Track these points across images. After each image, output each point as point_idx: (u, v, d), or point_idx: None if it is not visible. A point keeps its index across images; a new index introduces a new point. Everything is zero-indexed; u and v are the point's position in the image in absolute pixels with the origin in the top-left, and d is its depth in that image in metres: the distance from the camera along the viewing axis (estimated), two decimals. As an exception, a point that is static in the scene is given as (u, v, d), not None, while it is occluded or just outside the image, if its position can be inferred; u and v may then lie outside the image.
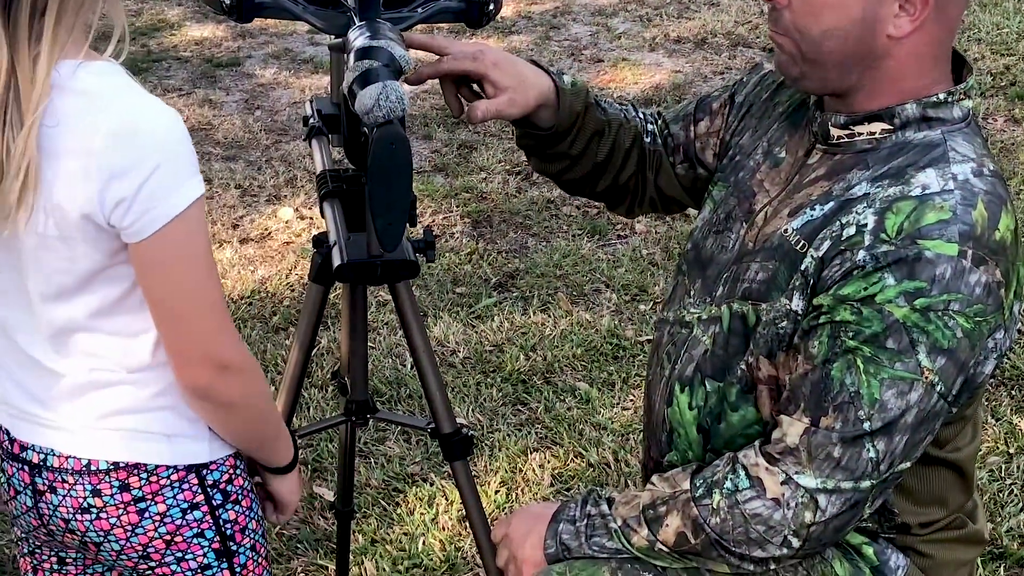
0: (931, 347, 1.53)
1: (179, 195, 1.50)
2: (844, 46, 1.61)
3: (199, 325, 1.57)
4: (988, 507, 3.06)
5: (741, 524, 1.60)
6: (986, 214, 1.55)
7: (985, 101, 5.59)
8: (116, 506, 1.65)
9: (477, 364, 3.72)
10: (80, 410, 1.65)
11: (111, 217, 1.49)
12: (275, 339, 3.86)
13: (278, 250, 4.45)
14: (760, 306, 1.68)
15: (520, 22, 7.00)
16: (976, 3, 6.92)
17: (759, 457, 1.61)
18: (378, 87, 1.75)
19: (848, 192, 1.63)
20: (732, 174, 1.87)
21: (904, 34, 1.60)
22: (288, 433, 1.81)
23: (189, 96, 5.95)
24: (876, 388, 1.54)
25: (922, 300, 1.51)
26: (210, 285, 1.57)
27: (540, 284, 4.19)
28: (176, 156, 1.51)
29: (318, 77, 6.14)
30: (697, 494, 1.64)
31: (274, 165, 5.17)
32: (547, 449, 3.32)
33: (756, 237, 1.74)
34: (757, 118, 1.90)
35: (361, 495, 3.11)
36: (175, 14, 7.23)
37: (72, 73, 1.49)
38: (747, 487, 1.60)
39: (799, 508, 1.58)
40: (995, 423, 3.36)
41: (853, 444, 1.56)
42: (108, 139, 1.47)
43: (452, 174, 5.07)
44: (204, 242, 1.56)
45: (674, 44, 6.59)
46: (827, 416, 1.56)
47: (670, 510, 1.66)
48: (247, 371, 1.64)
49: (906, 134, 1.64)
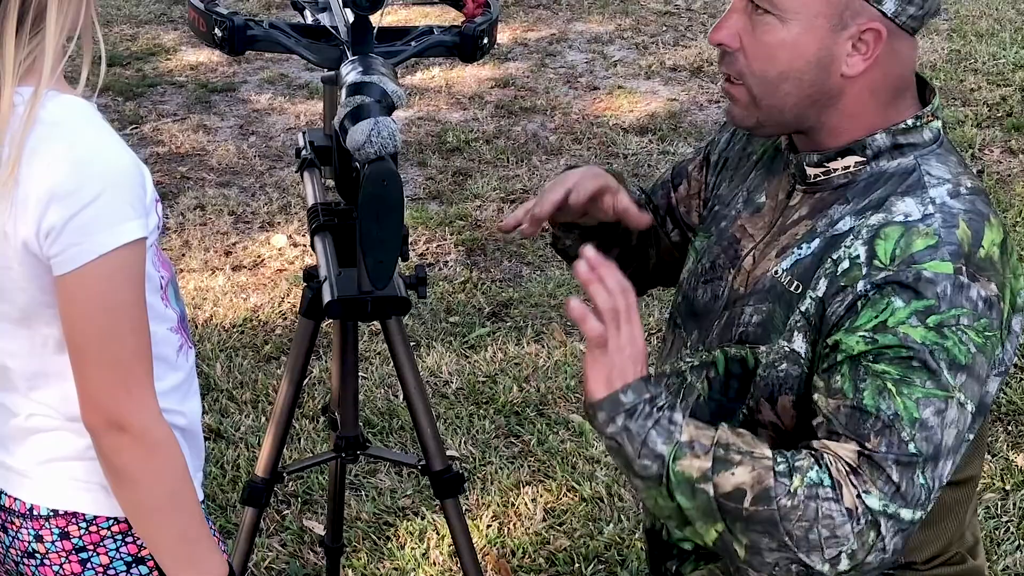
0: (951, 364, 1.51)
1: (111, 234, 1.44)
2: (800, 88, 1.62)
3: (96, 373, 1.49)
4: (984, 545, 3.03)
5: (809, 519, 1.51)
6: (969, 232, 1.55)
7: (981, 132, 5.58)
8: (58, 553, 1.61)
9: (470, 395, 3.69)
10: (28, 452, 1.61)
11: (43, 244, 1.45)
12: (267, 368, 3.83)
13: (271, 278, 4.43)
14: (758, 349, 1.67)
15: (516, 49, 7.00)
16: (972, 33, 6.93)
17: (840, 463, 1.53)
18: (370, 123, 1.73)
19: (832, 228, 1.63)
20: (713, 224, 1.86)
21: (857, 72, 1.61)
22: (214, 553, 1.62)
23: (184, 121, 5.93)
24: (913, 408, 1.51)
25: (934, 317, 1.51)
26: (120, 338, 1.48)
27: (534, 314, 4.17)
28: (119, 193, 1.45)
29: (313, 103, 6.13)
30: (778, 468, 1.53)
31: (268, 192, 5.15)
32: (540, 483, 3.29)
33: (746, 281, 1.73)
34: (733, 169, 1.90)
35: (351, 529, 3.08)
36: (171, 39, 7.22)
37: (42, 103, 1.47)
38: (829, 486, 1.51)
39: (866, 526, 1.50)
40: (991, 459, 3.34)
41: (907, 468, 1.51)
42: (58, 164, 1.44)
43: (446, 201, 5.05)
44: (130, 293, 1.48)
45: (670, 72, 6.59)
46: (870, 442, 1.52)
47: (743, 462, 1.53)
48: (144, 442, 1.51)
49: (880, 164, 1.65)
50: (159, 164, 5.34)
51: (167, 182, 5.18)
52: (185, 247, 4.63)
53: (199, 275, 4.42)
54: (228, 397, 3.66)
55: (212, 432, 3.47)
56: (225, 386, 3.71)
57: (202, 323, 4.09)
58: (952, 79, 6.25)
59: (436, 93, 6.27)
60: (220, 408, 3.59)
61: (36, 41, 1.46)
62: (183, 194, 5.06)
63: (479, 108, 6.07)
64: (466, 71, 6.45)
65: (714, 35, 1.66)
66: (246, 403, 3.63)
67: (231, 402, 3.64)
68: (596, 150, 5.53)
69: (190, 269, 4.46)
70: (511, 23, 7.39)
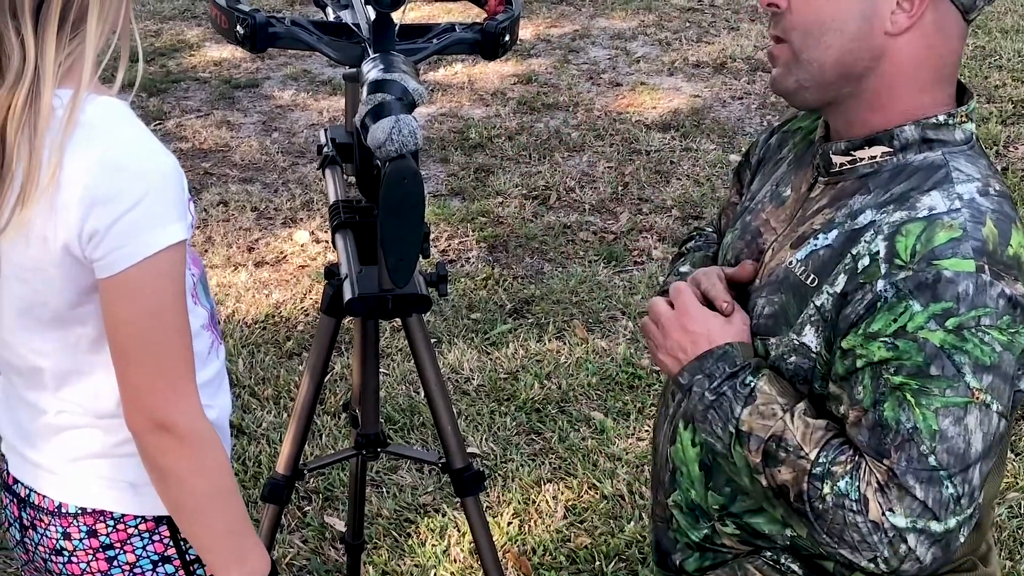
0: (975, 366, 1.50)
1: (155, 236, 1.45)
2: (842, 40, 1.61)
3: (142, 375, 1.49)
4: (1007, 545, 3.02)
5: (840, 524, 1.55)
6: (996, 231, 1.53)
7: (1006, 129, 5.55)
8: (85, 551, 1.62)
9: (491, 392, 3.69)
10: (56, 449, 1.62)
11: (86, 248, 1.45)
12: (288, 365, 3.83)
13: (293, 274, 4.43)
14: (769, 340, 1.67)
15: (539, 45, 6.99)
16: (997, 30, 6.89)
17: (872, 477, 1.54)
18: (391, 121, 1.73)
19: (853, 221, 1.62)
20: (740, 218, 1.86)
21: (901, 30, 1.59)
22: (259, 547, 1.63)
23: (207, 117, 5.95)
24: (932, 419, 1.50)
25: (953, 320, 1.49)
26: (166, 340, 1.49)
27: (556, 311, 4.17)
28: (162, 196, 1.46)
29: (336, 99, 6.14)
30: (815, 471, 1.56)
31: (290, 188, 5.16)
32: (561, 480, 3.29)
33: (763, 273, 1.72)
34: (766, 167, 1.91)
35: (372, 525, 3.08)
36: (194, 35, 7.24)
37: (81, 105, 1.47)
38: (855, 499, 1.54)
39: (895, 539, 1.52)
40: (1015, 458, 3.32)
41: (932, 483, 1.51)
42: (98, 168, 1.43)
43: (469, 198, 5.05)
44: (171, 294, 1.49)
45: (693, 68, 6.57)
46: (890, 458, 1.53)
47: (787, 461, 1.58)
48: (191, 441, 1.52)
49: (907, 156, 1.63)
50: (182, 160, 5.34)
51: (190, 178, 5.17)
52: (208, 243, 4.65)
53: (222, 271, 4.43)
54: (250, 393, 3.67)
55: (233, 428, 3.47)
56: (247, 382, 3.72)
57: (224, 319, 4.10)
58: (977, 76, 6.21)
59: (459, 89, 6.27)
60: (242, 404, 3.60)
61: (76, 43, 1.46)
62: (206, 190, 5.07)
63: (501, 104, 6.07)
64: (489, 67, 6.44)
65: None
66: (267, 399, 3.64)
67: (253, 398, 3.64)
68: (619, 147, 5.52)
69: (213, 265, 4.47)
70: (534, 19, 7.38)
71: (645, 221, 4.83)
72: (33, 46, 1.43)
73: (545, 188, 5.11)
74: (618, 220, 4.85)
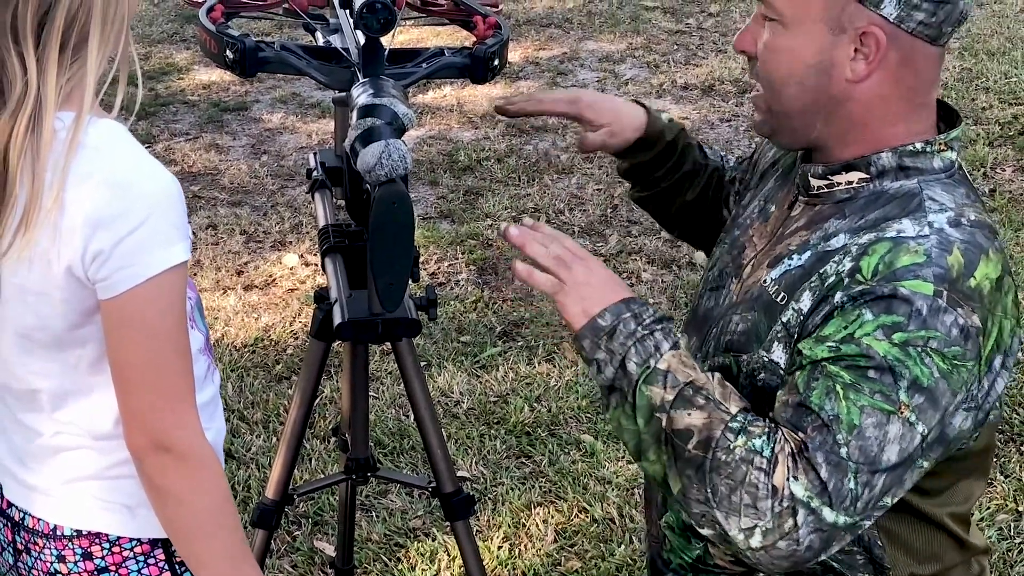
0: (911, 383, 1.50)
1: (158, 256, 1.46)
2: (803, 92, 1.63)
3: (143, 396, 1.49)
4: (997, 567, 3.02)
5: (736, 480, 1.51)
6: (962, 260, 1.53)
7: (993, 150, 5.57)
8: (79, 574, 1.61)
9: (481, 415, 3.68)
10: (52, 471, 1.61)
11: (90, 269, 1.45)
12: (278, 388, 3.83)
13: (282, 297, 4.43)
14: (740, 357, 1.68)
15: (528, 67, 7.01)
16: (984, 52, 6.92)
17: (788, 444, 1.53)
18: (380, 146, 1.73)
19: (826, 243, 1.63)
20: (729, 232, 1.88)
21: (861, 77, 1.60)
22: (256, 572, 1.61)
23: (196, 140, 5.95)
24: (856, 414, 1.50)
25: (900, 335, 1.49)
26: (167, 361, 1.49)
27: (545, 333, 4.17)
28: (165, 216, 1.47)
29: (325, 122, 6.14)
30: (732, 424, 1.54)
31: (280, 211, 5.16)
32: (551, 504, 3.29)
33: (740, 290, 1.73)
34: (759, 178, 1.93)
35: (362, 550, 3.07)
36: (183, 58, 7.25)
37: (84, 127, 1.47)
38: (767, 457, 1.51)
39: (786, 510, 1.50)
40: (1004, 480, 3.32)
41: (837, 469, 1.50)
42: (102, 190, 1.44)
43: (458, 220, 5.06)
44: (174, 315, 1.49)
45: (681, 90, 6.59)
46: (805, 433, 1.52)
47: (704, 407, 1.55)
48: (191, 461, 1.52)
49: (883, 183, 1.64)
50: (171, 183, 5.34)
51: (179, 201, 5.18)
52: (197, 266, 4.64)
53: (211, 294, 4.42)
54: (239, 417, 3.66)
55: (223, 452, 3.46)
56: (236, 406, 3.71)
57: (214, 343, 4.09)
58: (964, 98, 6.24)
59: (448, 112, 6.28)
60: (231, 428, 3.59)
61: (77, 67, 1.47)
62: (195, 213, 5.07)
63: (491, 127, 6.08)
64: (478, 90, 6.46)
65: (735, 42, 1.71)
66: (257, 423, 3.63)
67: (242, 422, 3.64)
68: (608, 168, 5.53)
69: (202, 288, 4.46)
70: (523, 42, 7.40)
71: (634, 243, 4.84)
72: (35, 70, 1.43)
73: (534, 210, 5.12)
74: (607, 242, 4.86)
